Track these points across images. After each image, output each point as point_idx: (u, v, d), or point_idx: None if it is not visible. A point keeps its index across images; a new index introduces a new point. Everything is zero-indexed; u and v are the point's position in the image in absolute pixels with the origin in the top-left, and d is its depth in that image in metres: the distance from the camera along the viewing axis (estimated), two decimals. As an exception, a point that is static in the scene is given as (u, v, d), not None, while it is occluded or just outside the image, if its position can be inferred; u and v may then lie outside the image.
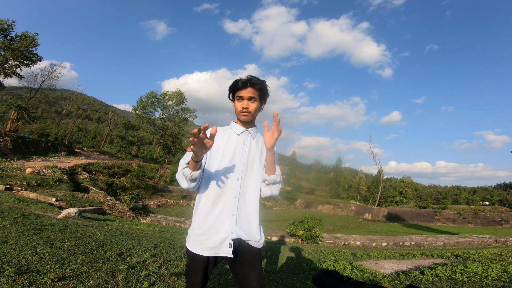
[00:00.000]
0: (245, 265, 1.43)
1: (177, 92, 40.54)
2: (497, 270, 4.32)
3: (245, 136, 1.54)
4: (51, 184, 11.33)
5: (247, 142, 1.53)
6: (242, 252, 1.43)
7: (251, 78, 1.48)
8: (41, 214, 5.35)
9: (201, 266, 1.40)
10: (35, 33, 24.29)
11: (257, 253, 1.46)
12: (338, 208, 37.60)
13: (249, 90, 1.48)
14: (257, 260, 1.45)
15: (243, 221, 1.43)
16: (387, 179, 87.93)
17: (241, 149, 1.50)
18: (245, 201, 1.45)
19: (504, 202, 56.07)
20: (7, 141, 19.19)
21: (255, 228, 1.45)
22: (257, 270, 1.44)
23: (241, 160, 1.48)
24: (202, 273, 1.41)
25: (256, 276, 1.43)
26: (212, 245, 1.38)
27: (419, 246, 8.51)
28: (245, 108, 1.48)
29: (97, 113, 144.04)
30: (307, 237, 7.94)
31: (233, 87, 1.52)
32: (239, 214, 1.43)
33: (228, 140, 1.52)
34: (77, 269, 2.53)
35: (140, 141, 44.00)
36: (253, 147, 1.53)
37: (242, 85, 1.48)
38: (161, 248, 4.02)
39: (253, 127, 1.58)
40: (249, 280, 1.42)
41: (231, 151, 1.48)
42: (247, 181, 1.47)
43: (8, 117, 44.72)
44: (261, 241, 1.46)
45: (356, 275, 4.22)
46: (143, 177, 24.48)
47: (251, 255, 1.43)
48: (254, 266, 1.43)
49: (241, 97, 1.49)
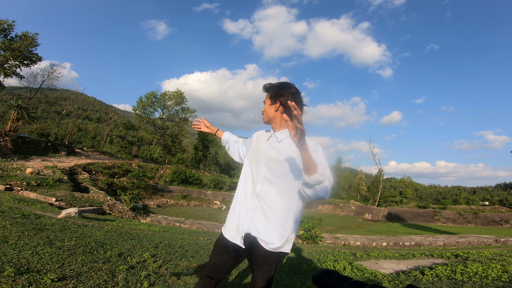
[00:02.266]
0: (255, 262, 1.51)
1: (177, 92, 40.53)
2: (497, 270, 4.32)
3: (272, 141, 1.59)
4: (51, 184, 11.33)
5: (272, 146, 1.56)
6: (254, 249, 1.50)
7: (265, 84, 1.65)
8: (41, 214, 5.35)
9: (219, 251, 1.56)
10: (35, 33, 24.31)
11: (268, 254, 1.47)
12: (338, 208, 37.59)
13: (265, 95, 1.65)
14: (267, 261, 1.48)
15: (260, 221, 1.48)
16: (387, 179, 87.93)
17: (267, 153, 1.55)
18: (267, 203, 1.48)
19: (504, 202, 56.02)
20: (7, 141, 19.19)
21: (272, 231, 1.45)
22: (265, 270, 1.48)
23: (265, 163, 1.53)
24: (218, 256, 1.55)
25: (261, 275, 1.48)
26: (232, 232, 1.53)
27: (419, 246, 8.51)
28: (263, 111, 1.66)
29: (97, 113, 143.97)
30: (307, 237, 7.94)
31: None
32: (257, 214, 1.49)
33: (260, 145, 1.64)
34: (77, 269, 2.53)
35: (140, 141, 44.02)
36: (277, 150, 1.53)
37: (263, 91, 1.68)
38: (161, 248, 4.02)
39: (281, 131, 1.58)
40: (255, 277, 1.50)
41: (259, 155, 1.59)
42: (272, 184, 1.49)
43: (8, 117, 44.71)
44: (273, 246, 1.44)
45: (356, 275, 4.22)
46: (143, 177, 24.48)
47: (261, 255, 1.48)
48: (262, 265, 1.48)
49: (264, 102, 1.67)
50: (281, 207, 1.47)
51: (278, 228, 1.46)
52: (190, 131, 44.92)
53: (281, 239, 1.46)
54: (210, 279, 1.53)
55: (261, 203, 1.49)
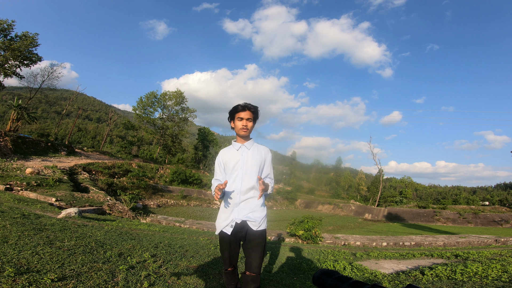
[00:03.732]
0: (248, 246, 1.95)
1: (177, 92, 40.51)
2: (497, 270, 4.32)
3: (242, 150, 2.07)
4: (51, 184, 11.33)
5: (244, 153, 2.05)
6: (248, 235, 1.95)
7: (248, 104, 2.03)
8: (41, 214, 5.35)
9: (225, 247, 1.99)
10: (35, 33, 24.29)
11: (259, 236, 1.95)
12: (338, 208, 37.59)
13: (247, 112, 2.01)
14: (258, 243, 1.93)
15: (244, 211, 1.96)
16: (387, 179, 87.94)
17: (240, 160, 2.03)
18: (246, 196, 1.98)
19: (504, 202, 56.03)
20: (7, 141, 19.19)
21: (255, 215, 1.96)
22: (257, 251, 1.93)
23: (241, 167, 2.01)
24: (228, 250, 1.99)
25: (255, 256, 1.92)
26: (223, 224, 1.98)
27: (419, 246, 8.51)
28: (244, 125, 2.01)
29: (97, 113, 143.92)
30: (307, 237, 7.93)
31: (234, 110, 2.04)
32: (241, 206, 1.97)
33: (231, 156, 2.07)
34: (77, 269, 2.53)
35: (140, 141, 43.99)
36: (248, 156, 2.04)
37: (242, 109, 2.01)
38: (161, 248, 4.02)
39: (249, 141, 2.10)
40: (250, 259, 1.93)
41: (233, 162, 2.03)
42: (248, 181, 1.99)
43: (8, 117, 44.74)
44: (261, 227, 1.96)
45: (356, 275, 4.22)
46: (143, 177, 24.48)
47: (253, 237, 1.93)
48: (255, 247, 1.93)
49: (241, 118, 2.01)
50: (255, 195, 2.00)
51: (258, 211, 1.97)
52: (190, 131, 44.93)
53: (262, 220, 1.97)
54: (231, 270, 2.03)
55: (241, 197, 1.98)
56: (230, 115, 2.08)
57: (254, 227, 1.93)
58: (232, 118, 2.06)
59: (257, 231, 1.93)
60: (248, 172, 1.98)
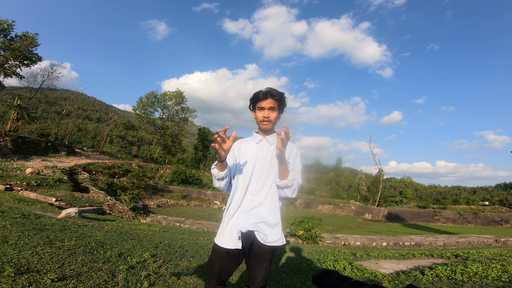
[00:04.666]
0: (254, 259, 1.61)
1: (177, 92, 40.51)
2: (497, 270, 4.32)
3: (263, 144, 1.72)
4: (51, 184, 11.33)
5: (265, 148, 1.70)
6: (254, 246, 1.60)
7: (271, 90, 1.66)
8: (41, 214, 5.35)
9: (219, 256, 1.60)
10: (35, 33, 24.29)
11: (267, 251, 1.60)
12: (338, 208, 37.58)
13: (270, 101, 1.65)
14: (265, 258, 1.60)
15: (254, 218, 1.59)
16: (387, 179, 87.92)
17: (259, 155, 1.68)
18: (259, 201, 1.62)
19: (504, 202, 56.04)
20: (7, 141, 19.18)
21: (266, 226, 1.60)
22: (263, 266, 1.61)
23: (259, 164, 1.66)
24: (218, 263, 1.59)
25: (260, 271, 1.60)
26: (227, 237, 1.58)
27: (419, 246, 8.51)
28: (266, 117, 1.66)
29: (97, 113, 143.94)
30: (307, 237, 7.93)
31: (255, 98, 1.69)
32: (251, 212, 1.60)
33: (249, 148, 1.73)
34: (77, 269, 2.53)
35: (140, 141, 43.99)
36: (269, 152, 1.68)
37: (263, 97, 1.65)
38: (161, 248, 4.02)
39: (271, 135, 1.75)
40: (254, 273, 1.61)
41: (250, 157, 1.68)
42: (265, 182, 1.64)
43: (8, 117, 44.71)
44: (269, 239, 1.58)
45: (356, 275, 4.22)
46: (143, 177, 24.48)
47: (261, 251, 1.59)
48: (261, 261, 1.60)
49: (262, 107, 1.66)
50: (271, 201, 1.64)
51: (270, 221, 1.61)
52: (190, 131, 44.92)
53: (274, 232, 1.61)
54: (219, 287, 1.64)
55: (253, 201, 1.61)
56: (251, 104, 1.73)
57: (263, 239, 1.57)
58: (253, 108, 1.73)
59: (267, 246, 1.57)
60: (265, 170, 1.63)
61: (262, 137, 1.74)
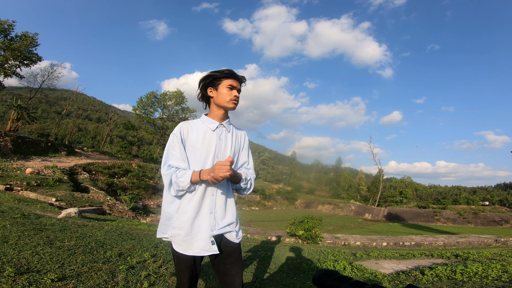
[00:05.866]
0: (226, 261, 1.45)
1: (177, 92, 40.54)
2: (497, 270, 4.32)
3: (220, 131, 1.52)
4: (51, 184, 11.33)
5: (223, 137, 1.51)
6: (223, 248, 1.45)
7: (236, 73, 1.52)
8: (41, 214, 5.35)
9: (187, 265, 1.41)
10: (35, 33, 24.28)
11: (238, 248, 1.49)
12: (338, 208, 37.58)
13: (238, 83, 1.51)
14: (238, 255, 1.48)
15: (221, 218, 1.44)
16: (387, 179, 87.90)
17: (218, 145, 1.47)
18: (222, 198, 1.45)
19: (504, 202, 56.06)
20: (7, 141, 19.19)
21: (232, 224, 1.48)
22: (238, 265, 1.47)
23: (218, 156, 1.47)
24: (189, 272, 1.42)
25: (237, 271, 1.45)
26: (197, 244, 1.38)
27: (419, 246, 8.51)
28: (237, 97, 1.50)
29: (97, 113, 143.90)
30: (307, 237, 7.93)
31: (223, 75, 1.48)
32: (216, 211, 1.43)
33: (203, 136, 1.47)
34: (77, 269, 2.53)
35: (140, 141, 43.99)
36: (228, 141, 1.52)
37: (234, 75, 1.49)
38: (161, 248, 4.02)
39: (226, 120, 1.56)
40: (231, 276, 1.44)
41: (207, 147, 1.45)
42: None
43: (8, 117, 44.73)
44: (239, 235, 1.49)
45: (356, 275, 4.22)
46: (143, 177, 24.47)
47: (232, 250, 1.46)
48: (235, 261, 1.46)
49: (234, 86, 1.48)
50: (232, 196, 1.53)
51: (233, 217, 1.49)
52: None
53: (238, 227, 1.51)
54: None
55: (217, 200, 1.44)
56: (211, 81, 1.49)
57: (233, 237, 1.47)
58: (213, 85, 1.49)
59: (237, 242, 1.48)
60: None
61: (218, 122, 1.51)
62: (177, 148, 1.42)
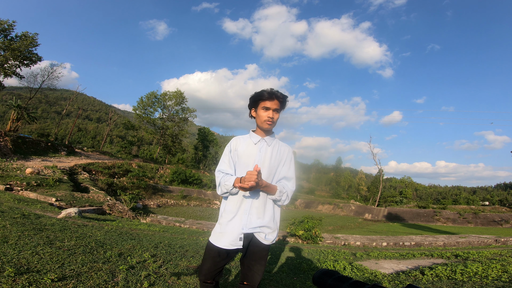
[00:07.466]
0: (252, 258, 1.68)
1: (177, 92, 40.53)
2: (497, 270, 4.32)
3: (261, 145, 1.74)
4: (51, 184, 11.33)
5: (263, 149, 1.73)
6: (252, 246, 1.67)
7: (276, 91, 1.69)
8: (41, 214, 5.35)
9: (211, 255, 1.65)
10: (35, 33, 24.30)
11: (265, 249, 1.68)
12: (338, 208, 37.57)
13: (276, 102, 1.68)
14: (263, 256, 1.69)
15: (255, 219, 1.64)
16: (387, 179, 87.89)
17: (257, 156, 1.70)
18: (259, 202, 1.66)
19: (504, 202, 56.08)
20: (7, 141, 19.18)
21: (264, 226, 1.66)
22: (261, 264, 1.68)
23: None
24: (210, 262, 1.65)
25: (258, 269, 1.68)
26: (227, 238, 1.62)
27: (419, 246, 8.51)
28: (271, 117, 1.68)
29: (97, 113, 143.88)
30: (307, 237, 7.93)
31: (259, 97, 1.68)
32: (251, 213, 1.64)
33: (246, 148, 1.73)
34: (77, 269, 2.53)
35: (140, 141, 44.01)
36: (267, 154, 1.72)
37: (269, 97, 1.66)
38: (161, 248, 4.02)
39: (269, 136, 1.78)
40: (252, 271, 1.67)
41: (248, 158, 1.70)
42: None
43: (8, 117, 44.74)
44: (269, 238, 1.67)
45: (356, 275, 4.22)
46: (143, 177, 24.48)
47: (258, 249, 1.67)
48: (259, 259, 1.68)
49: (268, 107, 1.67)
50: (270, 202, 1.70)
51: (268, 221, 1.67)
52: (190, 131, 44.92)
53: (272, 232, 1.69)
54: (208, 284, 1.68)
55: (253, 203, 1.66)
56: (252, 102, 1.73)
57: (261, 238, 1.65)
58: (254, 106, 1.73)
59: (265, 244, 1.66)
60: (265, 172, 1.66)
61: (260, 137, 1.75)
62: (227, 157, 1.74)
